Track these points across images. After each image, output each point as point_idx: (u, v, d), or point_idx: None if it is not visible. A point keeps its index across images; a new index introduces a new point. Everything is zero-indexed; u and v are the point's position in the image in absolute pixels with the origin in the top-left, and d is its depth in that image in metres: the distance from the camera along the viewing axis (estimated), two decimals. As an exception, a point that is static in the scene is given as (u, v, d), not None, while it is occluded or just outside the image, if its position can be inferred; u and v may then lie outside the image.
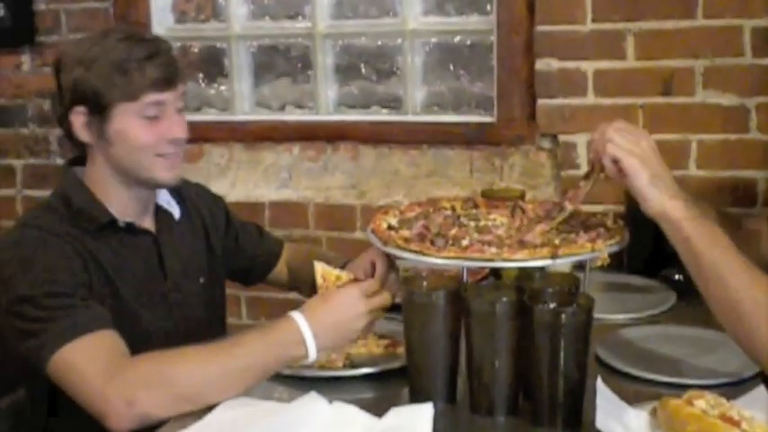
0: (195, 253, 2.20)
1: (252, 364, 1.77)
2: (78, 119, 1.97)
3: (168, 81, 1.98)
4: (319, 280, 1.94)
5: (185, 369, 1.75)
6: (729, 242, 1.70)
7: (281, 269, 2.44)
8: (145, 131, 1.97)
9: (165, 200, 2.16)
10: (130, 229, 2.05)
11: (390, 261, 2.06)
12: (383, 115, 3.32)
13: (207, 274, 2.22)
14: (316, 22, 3.30)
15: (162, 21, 3.44)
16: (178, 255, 2.14)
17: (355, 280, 1.93)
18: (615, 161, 1.74)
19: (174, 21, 3.49)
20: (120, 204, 2.03)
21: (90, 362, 1.75)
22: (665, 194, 1.71)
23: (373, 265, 2.07)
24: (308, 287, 2.27)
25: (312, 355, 1.79)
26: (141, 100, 1.94)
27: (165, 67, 1.97)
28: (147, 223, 2.11)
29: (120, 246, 2.02)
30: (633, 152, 1.73)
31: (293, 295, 2.47)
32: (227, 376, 1.76)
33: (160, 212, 2.14)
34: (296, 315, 1.81)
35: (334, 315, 1.83)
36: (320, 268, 1.95)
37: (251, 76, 3.46)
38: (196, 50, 3.50)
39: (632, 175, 1.72)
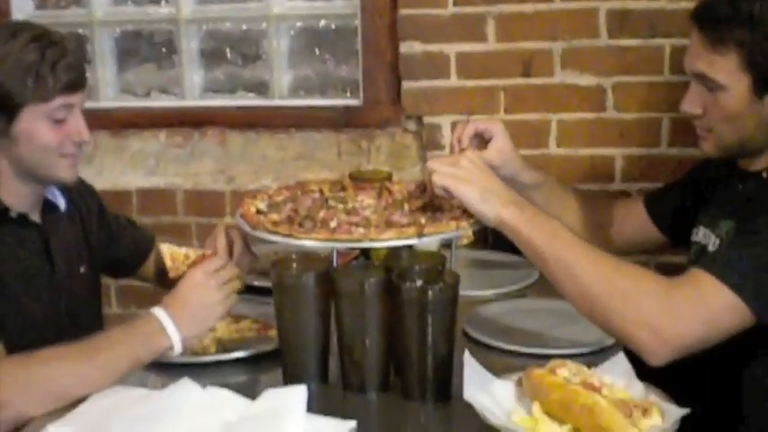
0: (77, 244, 2.20)
1: (119, 357, 1.78)
2: None
3: (78, 84, 1.98)
4: (168, 262, 1.95)
5: (54, 368, 1.75)
6: (568, 233, 1.79)
7: (150, 264, 2.43)
8: (52, 133, 1.96)
9: (52, 192, 2.14)
10: (21, 220, 2.03)
11: (246, 242, 2.08)
12: (250, 100, 3.32)
13: (87, 263, 2.21)
14: (179, 8, 3.27)
15: (22, 7, 3.36)
16: (63, 246, 2.13)
17: (204, 256, 1.95)
18: (445, 190, 1.81)
19: (35, 7, 3.42)
20: (13, 196, 2.01)
21: None
22: (498, 205, 1.78)
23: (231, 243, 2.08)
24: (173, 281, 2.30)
25: (176, 342, 1.81)
26: (52, 102, 1.93)
27: (76, 70, 1.97)
28: (36, 215, 2.09)
29: (7, 236, 2.00)
30: (457, 176, 1.80)
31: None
32: (95, 372, 1.76)
33: (47, 204, 2.12)
34: (154, 308, 1.84)
35: (186, 299, 1.85)
36: (167, 250, 1.96)
37: (114, 62, 3.41)
38: (65, 34, 3.41)
39: (464, 199, 1.80)
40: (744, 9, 1.82)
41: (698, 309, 1.69)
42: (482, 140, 2.11)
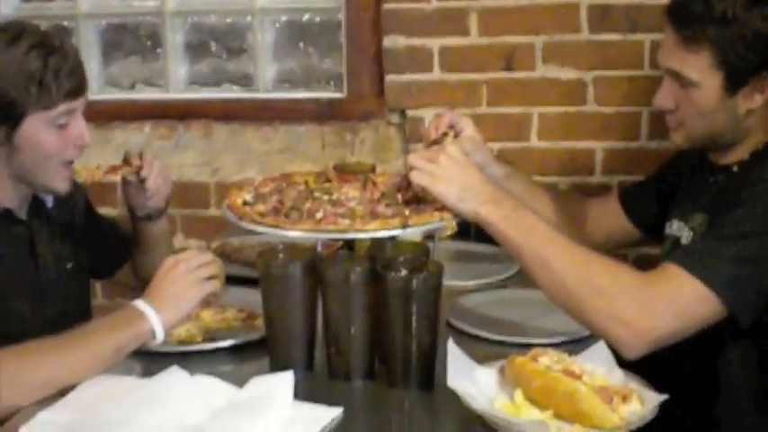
0: (64, 240, 2.20)
1: (101, 345, 1.79)
2: None
3: (80, 89, 1.99)
4: (82, 173, 2.11)
5: (39, 358, 1.76)
6: (546, 227, 1.82)
7: (127, 267, 2.46)
8: (56, 139, 1.97)
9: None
10: (6, 216, 2.04)
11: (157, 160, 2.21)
12: (234, 92, 3.34)
13: (74, 260, 2.22)
14: (165, 0, 3.29)
15: (8, 0, 3.36)
16: (49, 243, 2.14)
17: (113, 167, 2.16)
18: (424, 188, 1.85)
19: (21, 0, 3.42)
20: (2, 192, 2.02)
21: None
22: (475, 203, 1.82)
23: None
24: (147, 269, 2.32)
25: (156, 325, 1.82)
26: (55, 109, 1.94)
27: (78, 76, 1.98)
28: (22, 212, 2.09)
29: None
30: (435, 174, 1.84)
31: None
32: (80, 360, 1.77)
33: (34, 200, 2.13)
34: (135, 300, 1.86)
35: (160, 284, 1.86)
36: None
37: (99, 54, 3.42)
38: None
39: (441, 198, 1.83)
40: (717, 7, 1.84)
41: (671, 302, 1.73)
42: (455, 133, 2.15)
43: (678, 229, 2.06)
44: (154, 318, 1.82)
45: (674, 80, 1.95)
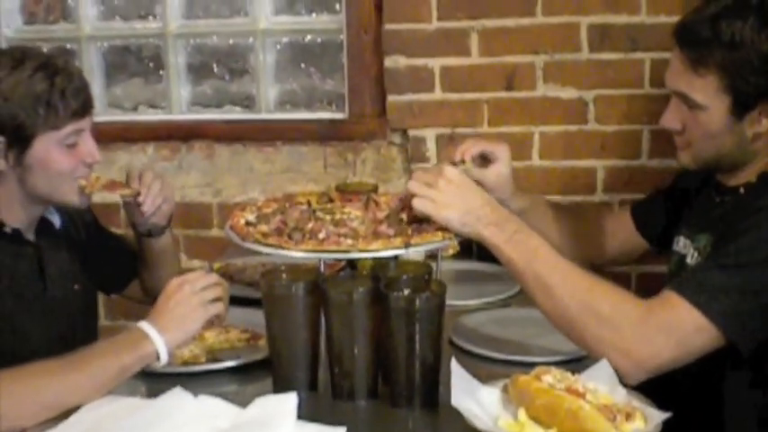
0: (71, 261, 2.21)
1: (106, 366, 1.79)
2: None
3: (87, 108, 2.01)
4: (82, 181, 2.06)
5: (44, 379, 1.76)
6: (549, 251, 1.82)
7: (137, 281, 2.45)
8: (66, 158, 1.99)
9: (48, 209, 2.15)
10: (15, 237, 2.04)
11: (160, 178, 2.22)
12: (237, 113, 3.35)
13: (81, 280, 2.22)
14: (167, 22, 3.30)
15: (10, 22, 3.39)
16: (57, 264, 2.15)
17: (114, 182, 2.16)
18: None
19: (23, 22, 3.43)
20: (12, 214, 2.03)
21: None
22: (478, 226, 1.82)
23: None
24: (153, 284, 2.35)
25: (160, 347, 1.82)
26: (64, 129, 1.96)
27: (84, 95, 2.00)
28: (30, 233, 2.10)
29: (1, 253, 2.01)
30: (436, 201, 1.84)
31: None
32: (84, 381, 1.77)
33: (42, 222, 2.14)
34: (140, 322, 1.87)
35: (164, 306, 1.86)
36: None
37: (102, 76, 3.43)
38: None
39: (444, 224, 1.84)
40: (725, 32, 1.84)
41: (671, 332, 1.74)
42: (484, 159, 2.16)
43: (684, 246, 2.06)
44: (158, 339, 1.82)
45: (682, 102, 1.95)
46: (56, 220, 2.17)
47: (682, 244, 2.08)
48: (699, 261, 1.98)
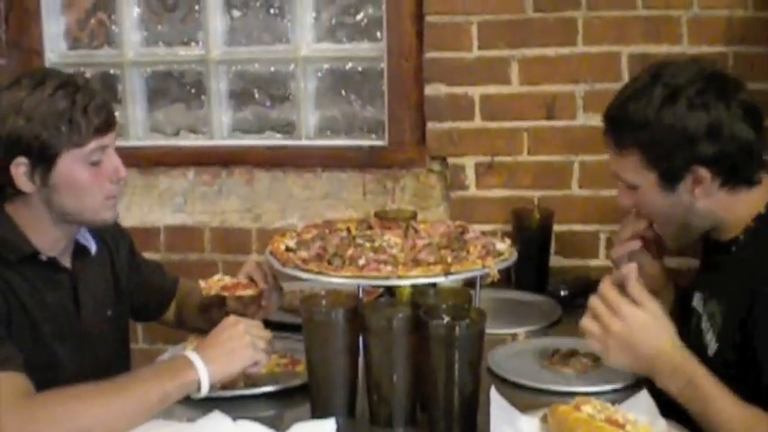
0: (106, 287, 2.21)
1: (147, 392, 1.80)
2: (19, 170, 1.94)
3: (109, 124, 2.00)
4: (201, 283, 2.09)
5: (86, 403, 1.76)
6: (723, 402, 1.74)
7: (172, 307, 2.46)
8: (91, 176, 1.98)
9: (83, 235, 2.15)
10: (51, 264, 2.04)
11: (274, 277, 2.14)
12: (277, 140, 3.37)
13: (114, 307, 2.23)
14: (209, 49, 3.33)
15: (55, 47, 3.43)
16: (91, 290, 2.14)
17: (238, 284, 2.09)
18: None
19: (68, 47, 3.47)
20: (45, 240, 2.02)
21: None
22: (651, 374, 1.82)
23: (251, 279, 2.15)
24: (192, 318, 2.36)
25: (203, 376, 1.83)
26: (87, 146, 1.95)
27: (106, 111, 1.99)
28: (66, 259, 2.10)
29: (37, 280, 2.01)
30: (609, 348, 1.83)
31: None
32: (126, 406, 1.78)
33: (77, 247, 2.14)
34: (187, 350, 1.90)
35: (216, 338, 1.90)
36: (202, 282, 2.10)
37: (145, 101, 3.46)
38: (89, 77, 3.48)
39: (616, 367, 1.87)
40: (633, 112, 1.92)
41: None
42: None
43: (698, 304, 2.05)
44: (202, 369, 1.83)
45: (622, 182, 2.01)
46: (91, 246, 2.17)
47: (696, 300, 2.07)
48: (714, 336, 1.95)
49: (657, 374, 1.80)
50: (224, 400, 1.92)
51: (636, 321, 1.82)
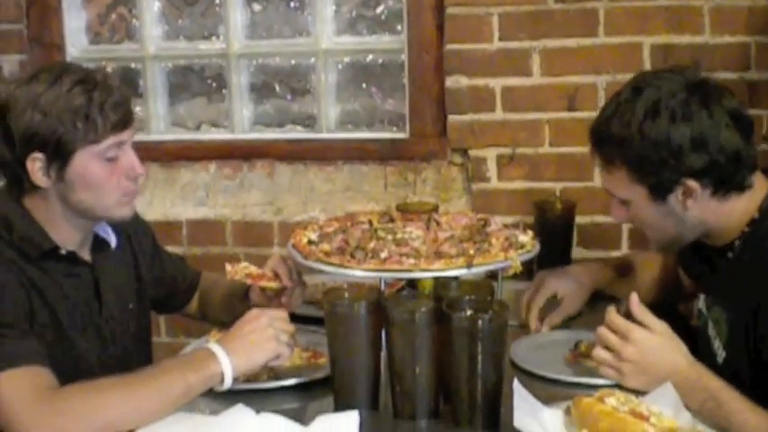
0: (127, 280, 2.22)
1: (171, 383, 1.81)
2: (35, 165, 1.94)
3: (126, 121, 1.99)
4: (228, 266, 2.10)
5: (111, 395, 1.77)
6: (741, 416, 1.73)
7: (194, 300, 2.47)
8: (107, 172, 1.97)
9: (103, 228, 2.15)
10: (71, 258, 2.05)
11: (298, 273, 2.14)
12: (298, 133, 3.38)
13: (136, 300, 2.23)
14: (230, 43, 3.34)
15: (76, 42, 3.44)
16: (113, 283, 2.15)
17: (263, 275, 2.09)
18: None
19: (89, 42, 3.49)
20: (63, 234, 2.02)
21: (17, 393, 1.75)
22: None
23: (276, 273, 2.15)
24: (215, 310, 2.37)
25: (226, 368, 1.84)
26: (103, 143, 1.95)
27: (123, 108, 1.98)
28: (86, 252, 2.10)
29: (58, 274, 2.01)
30: (623, 373, 1.85)
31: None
32: (150, 398, 1.79)
33: (97, 241, 2.14)
34: (210, 343, 1.90)
35: (239, 330, 1.90)
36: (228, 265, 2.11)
37: (166, 95, 3.48)
38: (110, 71, 3.48)
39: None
40: (617, 128, 1.90)
41: None
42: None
43: (703, 306, 2.05)
44: (225, 361, 1.84)
45: (615, 198, 2.01)
46: (112, 240, 2.17)
47: (701, 303, 2.07)
48: (721, 345, 1.95)
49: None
50: (247, 393, 1.92)
51: (648, 344, 1.84)
